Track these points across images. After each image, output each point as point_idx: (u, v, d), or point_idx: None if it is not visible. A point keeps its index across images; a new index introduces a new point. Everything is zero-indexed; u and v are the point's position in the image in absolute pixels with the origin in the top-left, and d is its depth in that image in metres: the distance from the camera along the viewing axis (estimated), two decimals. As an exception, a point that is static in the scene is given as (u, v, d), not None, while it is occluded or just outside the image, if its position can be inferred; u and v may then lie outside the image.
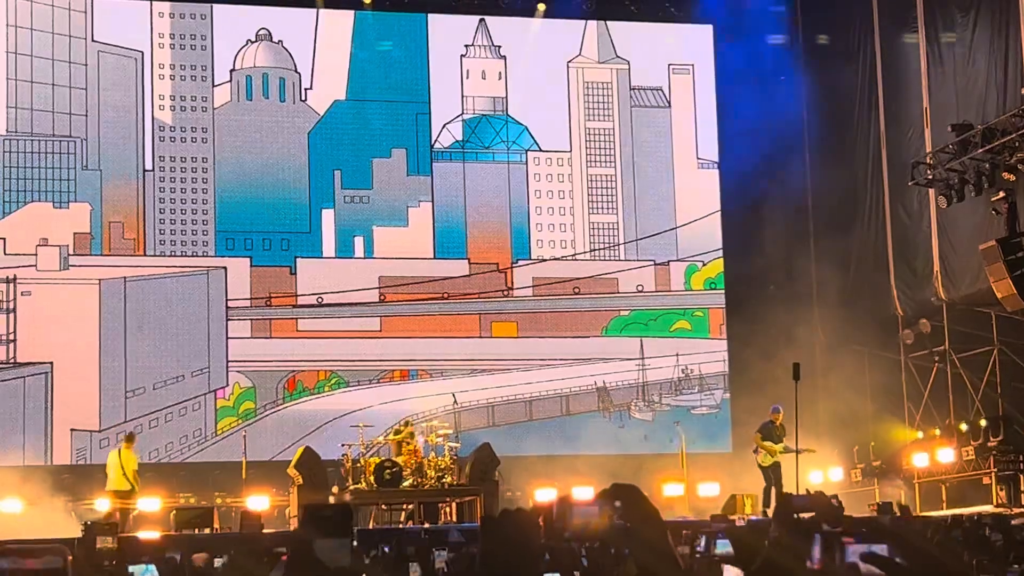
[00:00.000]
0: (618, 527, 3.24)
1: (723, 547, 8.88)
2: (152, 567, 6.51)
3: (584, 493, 3.40)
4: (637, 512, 3.24)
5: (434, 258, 27.41)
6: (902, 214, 26.73)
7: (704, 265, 28.51)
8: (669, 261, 28.41)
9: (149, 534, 18.19)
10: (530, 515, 3.33)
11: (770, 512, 21.53)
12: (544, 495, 21.61)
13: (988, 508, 20.42)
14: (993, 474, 23.57)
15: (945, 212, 24.65)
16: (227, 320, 26.37)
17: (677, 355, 28.00)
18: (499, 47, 28.41)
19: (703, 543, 8.97)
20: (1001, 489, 23.33)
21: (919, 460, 25.06)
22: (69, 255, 25.75)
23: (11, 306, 25.39)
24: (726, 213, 28.54)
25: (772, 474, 22.20)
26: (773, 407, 23.07)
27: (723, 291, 28.47)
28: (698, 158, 28.94)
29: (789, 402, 20.24)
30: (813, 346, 27.15)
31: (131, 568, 6.27)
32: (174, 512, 21.15)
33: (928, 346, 26.34)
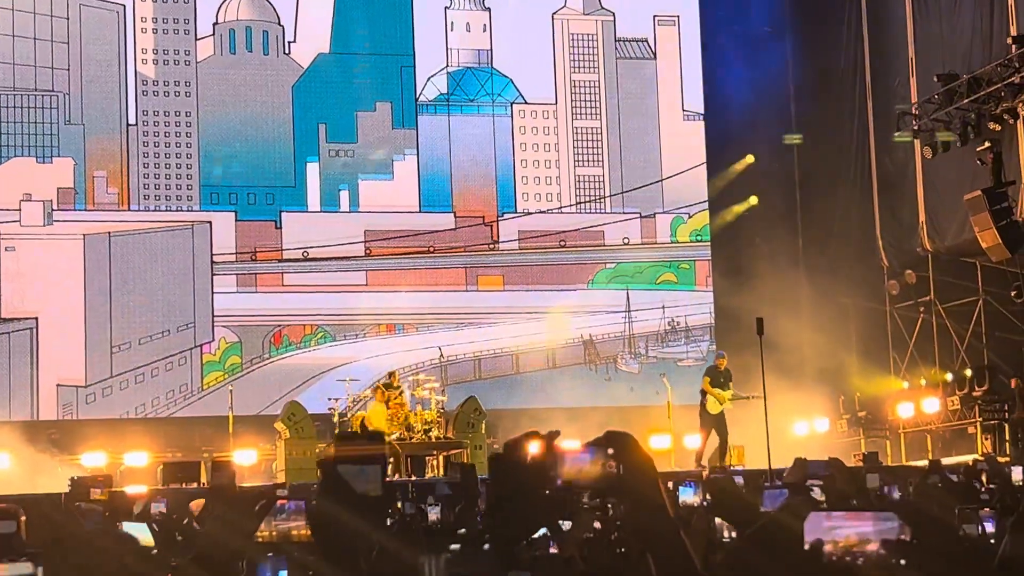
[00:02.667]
0: (610, 475, 3.22)
1: (685, 493, 8.89)
2: (144, 526, 6.49)
3: (573, 443, 3.38)
4: (630, 460, 3.22)
5: (420, 211, 27.35)
6: (888, 165, 26.73)
7: (690, 217, 28.49)
8: (655, 213, 28.38)
9: (136, 488, 18.18)
10: (540, 461, 3.32)
11: (704, 462, 21.43)
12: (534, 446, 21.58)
13: (973, 457, 20.48)
14: (978, 424, 23.68)
15: (930, 162, 24.65)
16: (212, 275, 26.31)
17: (663, 307, 28.01)
18: (483, -1, 28.29)
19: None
20: (986, 438, 23.44)
21: (904, 410, 25.16)
22: (53, 210, 25.66)
23: (-5, 262, 25.31)
24: (712, 165, 28.49)
25: (717, 423, 21.82)
26: (717, 352, 23.07)
27: (709, 243, 28.47)
28: (684, 110, 28.87)
29: (769, 354, 20.25)
30: (799, 297, 27.18)
31: (125, 525, 6.26)
32: (161, 467, 21.18)
33: (914, 296, 26.42)
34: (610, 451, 3.26)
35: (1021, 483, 11.10)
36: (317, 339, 26.66)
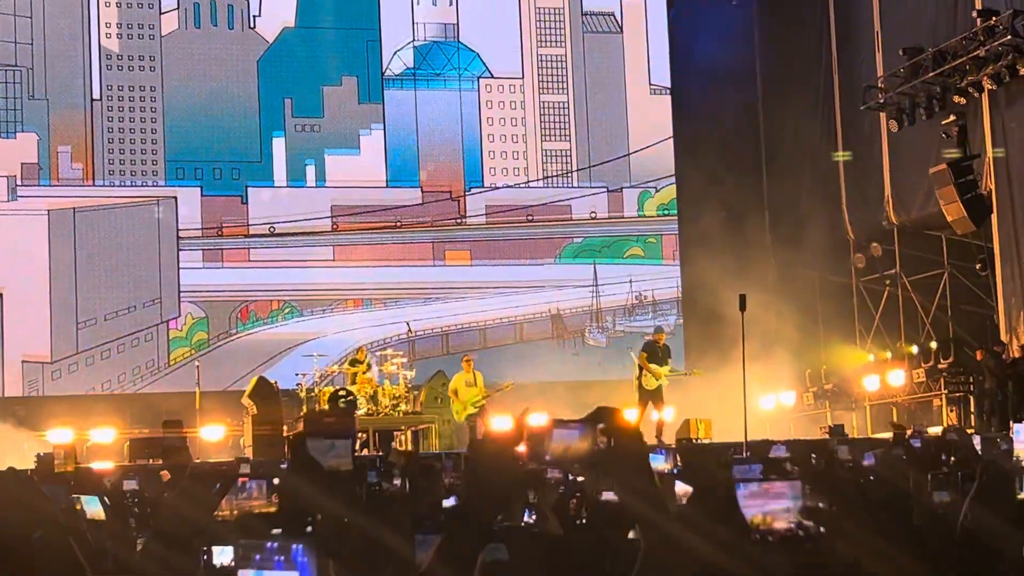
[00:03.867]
0: (600, 449, 3.26)
1: (656, 460, 8.95)
2: (96, 499, 6.46)
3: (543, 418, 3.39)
4: (619, 435, 3.26)
5: (387, 186, 27.29)
6: (853, 138, 26.78)
7: (657, 191, 28.50)
8: (622, 187, 28.38)
9: (102, 464, 18.13)
10: (510, 440, 3.34)
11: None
12: (501, 422, 21.53)
13: (939, 429, 20.61)
14: (944, 396, 23.80)
15: (896, 136, 24.72)
16: (178, 250, 26.21)
17: (630, 281, 28.04)
18: (450, -28, 28.18)
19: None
20: (952, 410, 23.57)
21: (870, 383, 25.26)
22: (17, 185, 25.49)
23: (-41, 238, 25.15)
24: (678, 139, 28.50)
25: (654, 399, 21.38)
26: (656, 327, 22.97)
27: (676, 217, 28.49)
28: (650, 84, 28.85)
29: (735, 327, 20.27)
30: (765, 270, 27.25)
31: (80, 498, 6.24)
32: (128, 443, 21.10)
33: (879, 270, 26.52)
34: (600, 426, 3.30)
35: (980, 452, 11.19)
36: (284, 314, 26.60)
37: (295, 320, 26.56)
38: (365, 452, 21.39)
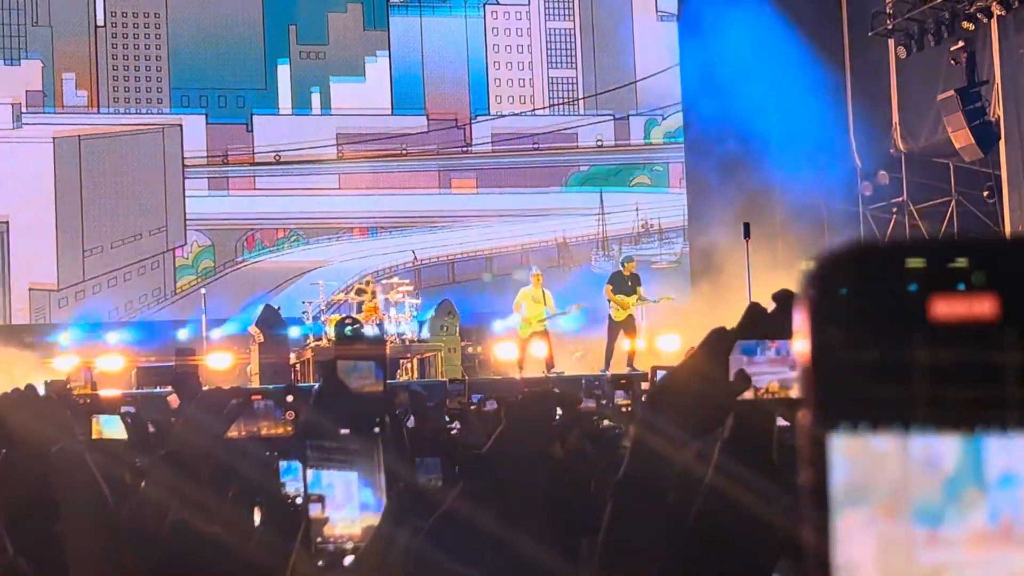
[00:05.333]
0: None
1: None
2: (117, 418, 6.50)
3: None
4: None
5: (392, 114, 27.19)
6: (861, 65, 26.66)
7: (664, 119, 28.40)
8: (629, 115, 28.28)
9: (110, 391, 18.20)
10: (549, 398, 3.42)
11: (610, 371, 21.08)
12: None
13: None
14: (949, 324, 23.81)
15: (904, 62, 24.60)
16: (184, 178, 26.17)
17: (637, 208, 28.00)
18: (455, -103, 27.93)
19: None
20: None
21: (876, 311, 25.26)
22: (22, 112, 25.43)
23: (-36, 165, 25.12)
24: (685, 66, 28.35)
25: (625, 329, 21.33)
26: (624, 255, 22.91)
27: (683, 144, 28.40)
28: (657, 11, 28.67)
29: (741, 254, 20.30)
30: (771, 198, 27.18)
31: (98, 417, 6.27)
32: (135, 370, 21.22)
33: (886, 198, 26.47)
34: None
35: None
36: (290, 242, 26.60)
37: (301, 248, 26.57)
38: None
